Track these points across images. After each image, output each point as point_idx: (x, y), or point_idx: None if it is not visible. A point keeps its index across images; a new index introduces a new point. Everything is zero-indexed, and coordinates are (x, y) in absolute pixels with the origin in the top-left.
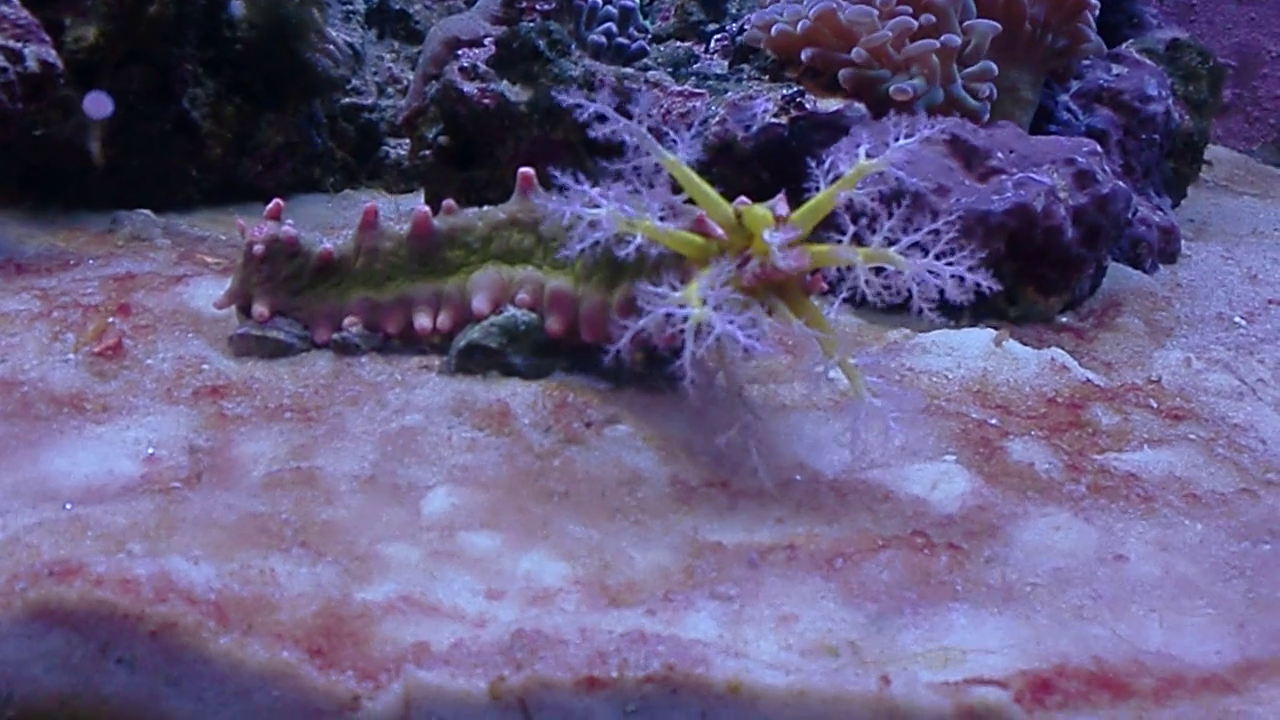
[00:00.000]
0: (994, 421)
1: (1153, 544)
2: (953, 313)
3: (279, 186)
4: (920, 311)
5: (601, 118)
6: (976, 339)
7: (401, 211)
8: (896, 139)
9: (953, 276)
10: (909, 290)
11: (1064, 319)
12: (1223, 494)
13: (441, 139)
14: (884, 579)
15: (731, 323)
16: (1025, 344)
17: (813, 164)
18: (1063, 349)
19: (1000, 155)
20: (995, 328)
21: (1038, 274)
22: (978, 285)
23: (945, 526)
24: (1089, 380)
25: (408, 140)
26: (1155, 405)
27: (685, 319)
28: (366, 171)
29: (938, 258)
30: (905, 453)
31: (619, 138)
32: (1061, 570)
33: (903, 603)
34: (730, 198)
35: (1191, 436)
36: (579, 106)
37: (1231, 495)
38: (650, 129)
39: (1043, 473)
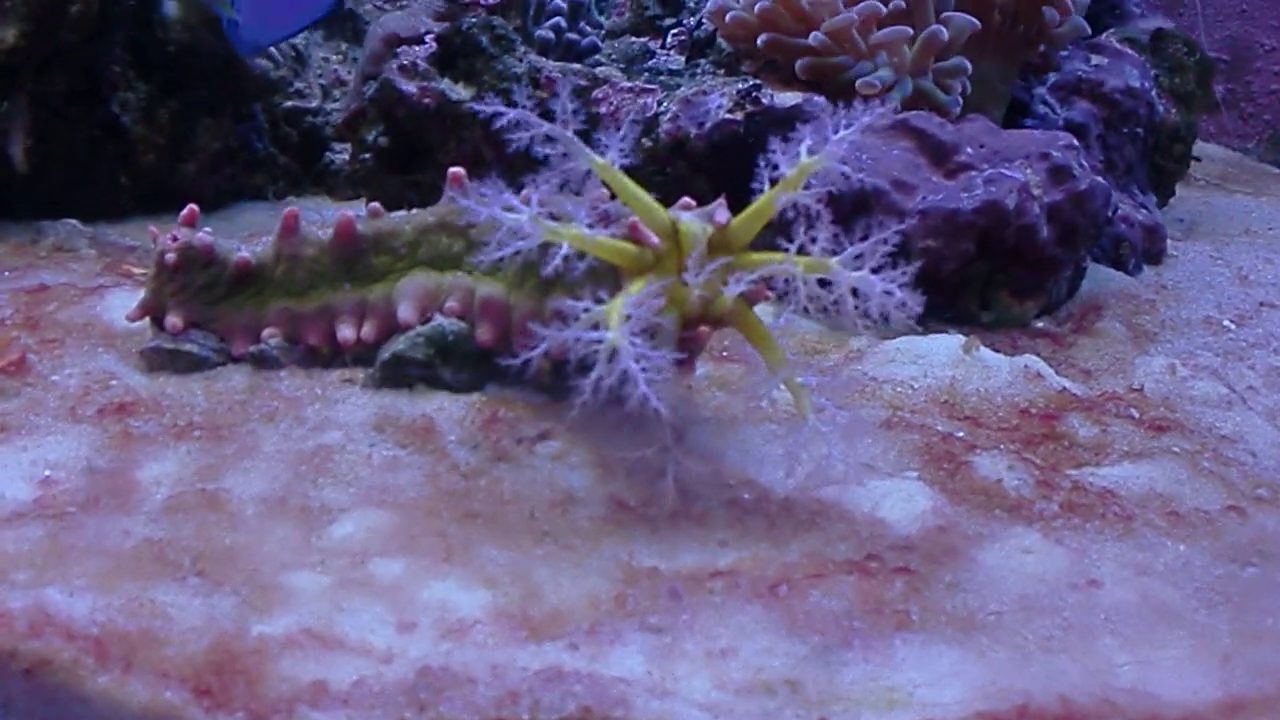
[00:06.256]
0: (961, 434)
1: (1130, 567)
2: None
3: (218, 193)
4: (853, 326)
5: (520, 124)
6: (944, 346)
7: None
8: (835, 131)
9: (882, 291)
10: (848, 303)
11: (1040, 324)
12: (1207, 512)
13: (381, 141)
14: (831, 608)
15: (639, 360)
16: (998, 350)
17: (761, 163)
18: (1038, 355)
19: (970, 150)
20: (965, 334)
21: (1011, 276)
22: (903, 304)
23: (903, 549)
24: (1065, 389)
25: (349, 145)
26: (1137, 415)
27: (599, 342)
28: (311, 178)
29: (877, 270)
30: (864, 469)
31: (540, 145)
32: (1028, 597)
33: (850, 634)
34: (677, 198)
35: (1175, 449)
36: (497, 115)
37: (1217, 513)
38: (577, 131)
39: (1012, 489)
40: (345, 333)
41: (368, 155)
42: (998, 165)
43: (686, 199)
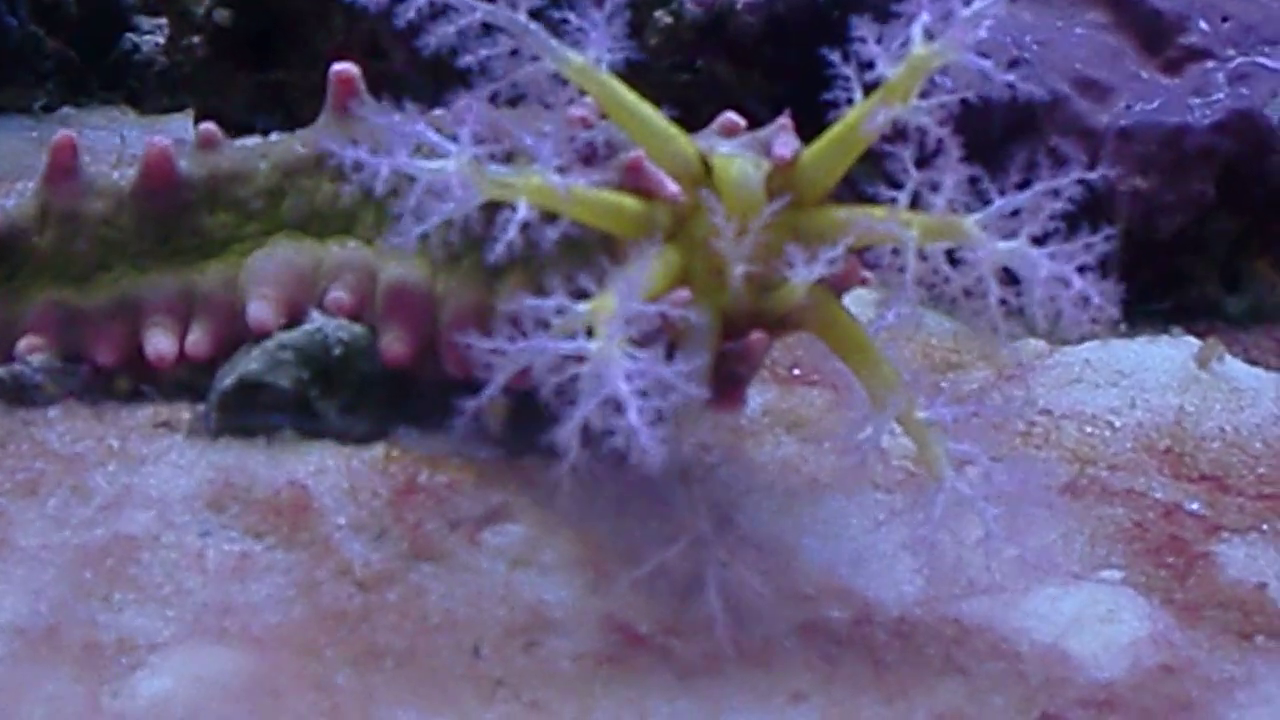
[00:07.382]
0: (1195, 506)
1: None
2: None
3: None
4: (996, 329)
5: (443, 5)
6: (1164, 356)
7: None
8: (968, 2)
9: (1051, 277)
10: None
11: None
12: None
13: (218, 16)
14: None
15: (631, 379)
16: (1254, 363)
17: (836, 58)
18: None
19: (1205, 26)
20: (1199, 335)
21: (1275, 236)
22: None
23: (1101, 706)
24: None
25: (165, 21)
26: None
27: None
28: (101, 75)
29: (1039, 240)
30: (1029, 568)
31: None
32: None
33: None
34: (713, 114)
35: None
36: None
37: None
38: (533, 10)
39: None
40: (158, 343)
41: (197, 39)
42: (1251, 50)
43: (729, 115)
